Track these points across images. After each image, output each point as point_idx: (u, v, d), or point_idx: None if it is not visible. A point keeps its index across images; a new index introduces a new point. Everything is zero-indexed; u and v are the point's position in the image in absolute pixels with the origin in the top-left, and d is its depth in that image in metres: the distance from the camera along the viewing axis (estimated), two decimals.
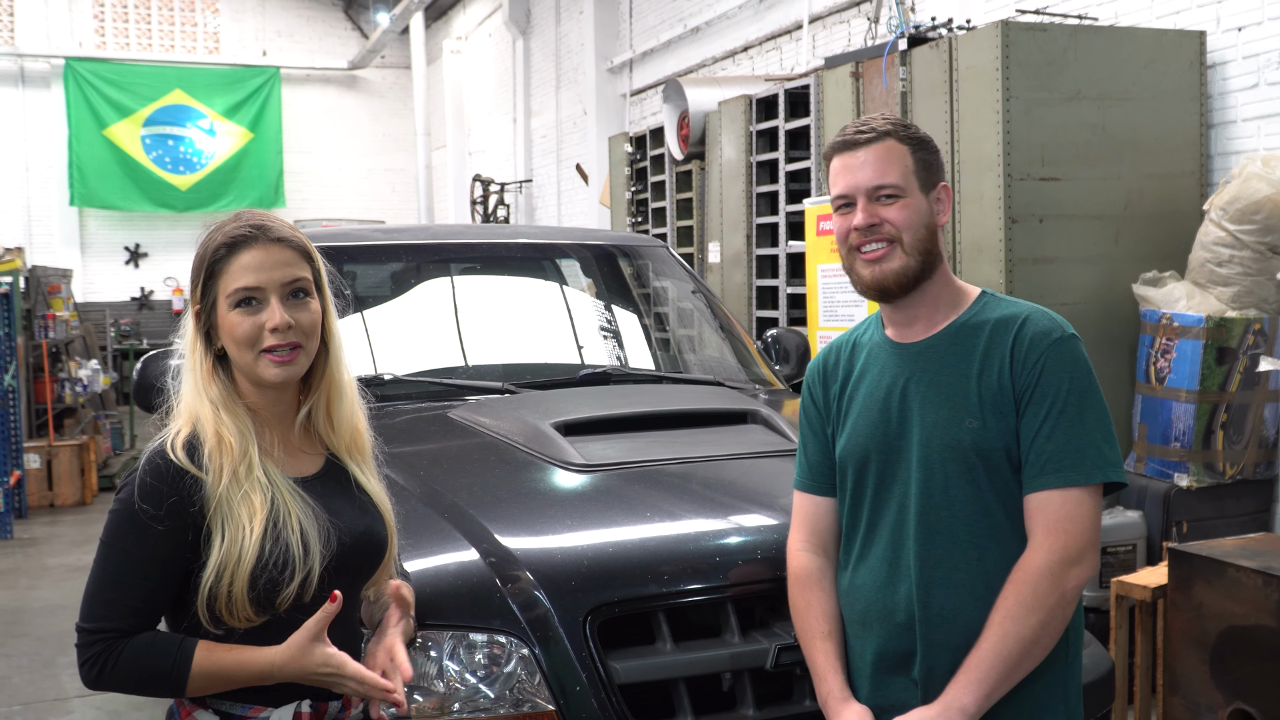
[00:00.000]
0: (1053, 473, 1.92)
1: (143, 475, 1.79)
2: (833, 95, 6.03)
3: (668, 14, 11.36)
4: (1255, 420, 4.73)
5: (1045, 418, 1.93)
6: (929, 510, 1.99)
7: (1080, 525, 1.91)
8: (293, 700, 1.85)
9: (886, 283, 2.04)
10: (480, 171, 15.99)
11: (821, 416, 2.20)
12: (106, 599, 1.77)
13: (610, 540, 2.55)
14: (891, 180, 2.03)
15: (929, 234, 2.04)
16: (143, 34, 18.39)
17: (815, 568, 2.17)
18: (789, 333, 4.43)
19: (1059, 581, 1.89)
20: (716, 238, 7.36)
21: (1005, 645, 1.88)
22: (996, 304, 2.07)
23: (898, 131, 2.06)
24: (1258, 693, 3.16)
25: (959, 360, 2.01)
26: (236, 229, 1.87)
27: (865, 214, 2.04)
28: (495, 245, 4.36)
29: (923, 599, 1.98)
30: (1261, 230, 4.62)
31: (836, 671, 2.09)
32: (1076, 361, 1.97)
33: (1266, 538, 3.61)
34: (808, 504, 2.22)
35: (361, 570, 1.95)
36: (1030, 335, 1.97)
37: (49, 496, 9.49)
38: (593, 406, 3.27)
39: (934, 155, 2.09)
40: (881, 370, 2.09)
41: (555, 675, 2.30)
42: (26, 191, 17.63)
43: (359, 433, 2.01)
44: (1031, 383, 1.95)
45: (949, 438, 1.97)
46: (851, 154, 2.06)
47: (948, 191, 2.10)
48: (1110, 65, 4.99)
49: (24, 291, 9.98)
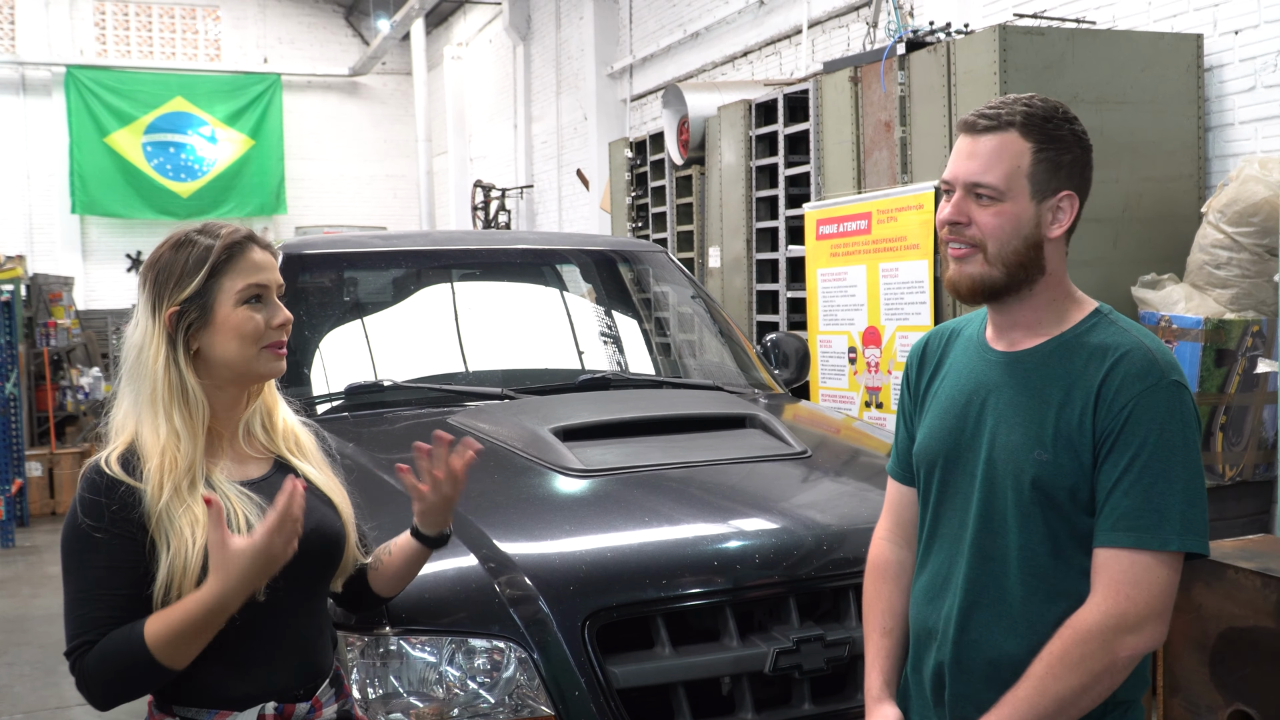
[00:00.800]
0: (1125, 530, 1.75)
1: (81, 493, 1.80)
2: (832, 100, 6.04)
3: (667, 19, 11.37)
4: (1254, 422, 4.73)
5: (1126, 469, 1.75)
6: (986, 534, 1.86)
7: (1146, 592, 1.73)
8: (257, 703, 1.84)
9: (960, 287, 1.89)
10: (481, 177, 16.02)
11: (913, 403, 2.07)
12: (79, 617, 1.77)
13: (609, 545, 2.56)
14: (990, 180, 1.82)
15: (1025, 246, 1.83)
16: (144, 41, 18.42)
17: (893, 560, 2.08)
18: (788, 337, 4.43)
19: (1109, 647, 1.73)
20: (716, 242, 7.37)
21: (1041, 700, 1.75)
22: (1106, 327, 1.86)
23: (1028, 123, 1.83)
24: (1257, 694, 3.16)
25: (1046, 382, 1.83)
26: (233, 233, 1.90)
27: (954, 209, 1.86)
28: (496, 251, 4.37)
29: (961, 622, 1.87)
30: (1259, 232, 4.63)
31: (880, 670, 2.02)
32: (1173, 413, 1.76)
33: (1266, 539, 3.61)
34: (895, 492, 2.11)
35: (320, 564, 1.95)
36: (1124, 374, 1.77)
37: (51, 504, 9.49)
38: (592, 412, 3.28)
39: (1066, 155, 1.84)
40: (969, 372, 1.95)
41: (554, 680, 2.30)
42: (28, 199, 17.66)
43: (298, 434, 2.03)
44: (1116, 429, 1.76)
45: (1013, 465, 1.82)
46: (968, 138, 1.87)
47: (1073, 200, 1.86)
48: (1108, 69, 5.00)
49: (25, 299, 10.00)
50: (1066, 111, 1.88)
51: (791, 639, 2.44)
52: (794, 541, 2.59)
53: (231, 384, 1.91)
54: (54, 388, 10.33)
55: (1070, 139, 1.86)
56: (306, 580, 1.90)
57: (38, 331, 10.32)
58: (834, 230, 5.75)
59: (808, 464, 3.03)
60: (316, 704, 1.92)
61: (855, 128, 5.86)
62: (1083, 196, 1.89)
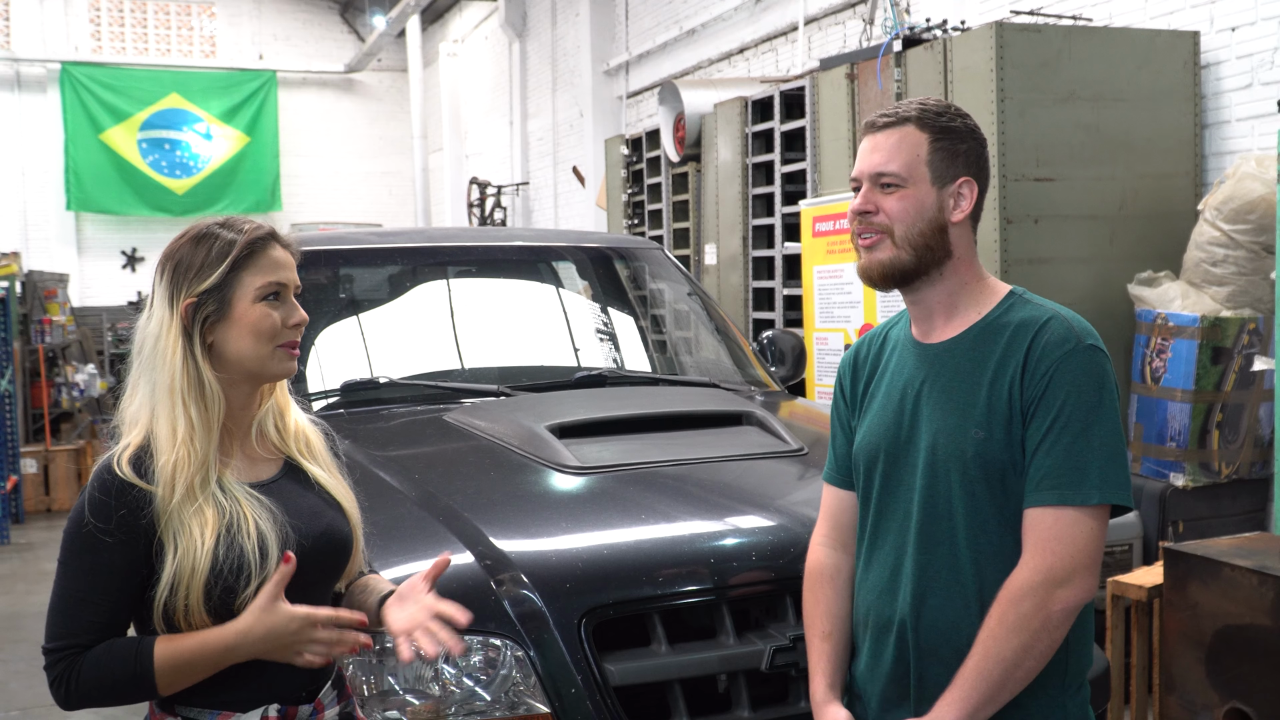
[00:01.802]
0: (1048, 489, 1.83)
1: (91, 491, 1.78)
2: (828, 97, 6.03)
3: (663, 16, 11.36)
4: (1250, 420, 4.73)
5: (1048, 431, 1.84)
6: (931, 520, 1.93)
7: (1072, 546, 1.82)
8: (260, 705, 1.83)
9: (872, 273, 1.98)
10: (477, 174, 15.99)
11: (849, 409, 2.14)
12: (67, 616, 1.76)
13: (605, 542, 2.55)
14: (893, 169, 1.94)
15: (931, 229, 1.94)
16: (139, 38, 18.38)
17: (830, 564, 2.12)
18: (785, 334, 4.43)
19: (1043, 603, 1.81)
20: (713, 239, 7.36)
21: (987, 665, 1.82)
22: (1023, 305, 1.97)
23: (923, 118, 1.96)
24: (1253, 691, 3.16)
25: (974, 365, 1.93)
26: (256, 229, 1.89)
27: (861, 199, 1.97)
28: (491, 248, 4.36)
29: (916, 608, 1.93)
30: (1256, 230, 4.63)
31: (824, 674, 2.05)
32: (1090, 374, 1.86)
33: (1262, 537, 3.61)
34: (832, 498, 2.17)
35: (326, 568, 1.94)
36: (1045, 343, 1.88)
37: (46, 501, 9.48)
38: (588, 409, 3.27)
39: (961, 145, 1.96)
40: (900, 369, 2.03)
41: (550, 678, 2.30)
42: (23, 196, 17.62)
43: (308, 435, 2.02)
44: (1038, 394, 1.86)
45: (954, 447, 1.90)
46: (870, 136, 1.99)
47: (972, 186, 1.97)
48: (1104, 66, 5.00)
49: (20, 296, 9.98)
50: (959, 109, 2.02)
51: (788, 636, 2.43)
52: (791, 539, 2.58)
53: (245, 381, 1.90)
54: (49, 384, 10.32)
55: (964, 130, 1.98)
56: (311, 582, 1.88)
57: (33, 328, 10.30)
58: (830, 227, 5.75)
59: (805, 461, 3.03)
60: (319, 706, 1.91)
61: (851, 125, 5.86)
62: (982, 184, 2.01)
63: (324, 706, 1.92)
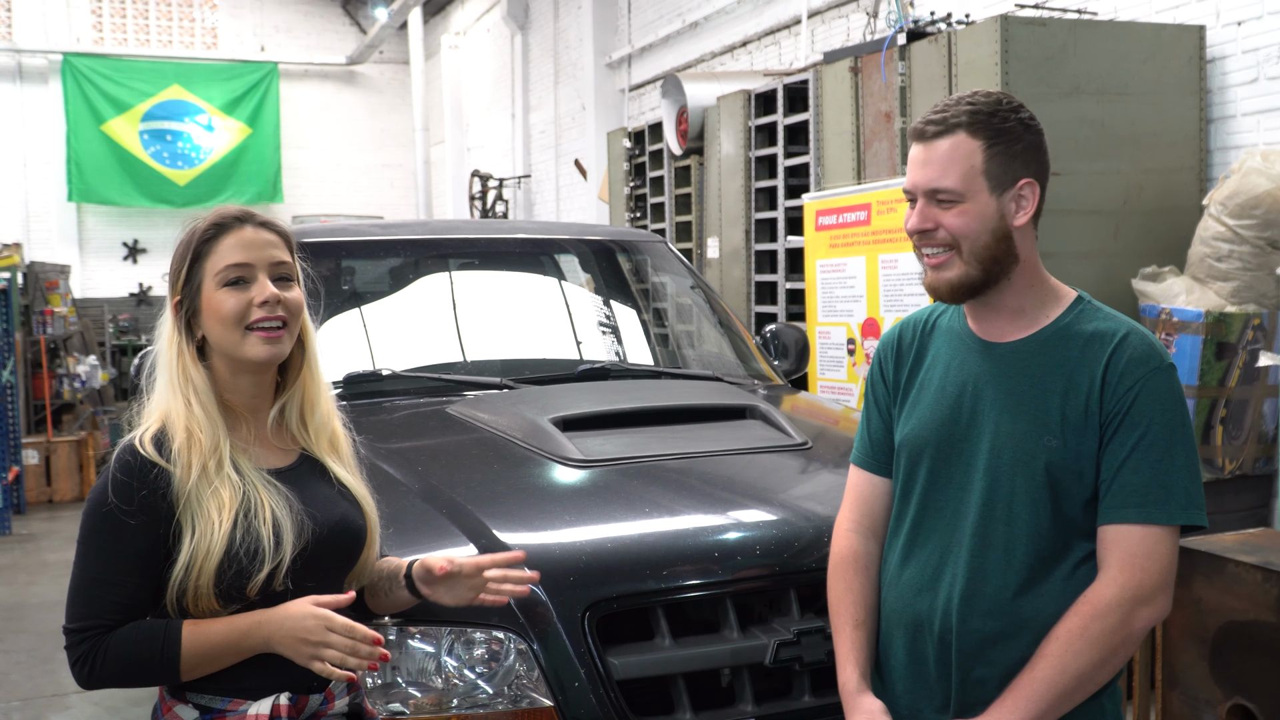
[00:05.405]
0: (1135, 507, 1.81)
1: (114, 472, 1.80)
2: (831, 90, 6.02)
3: (666, 9, 11.34)
4: (1254, 415, 4.72)
5: (1134, 449, 1.82)
6: (988, 522, 1.88)
7: (1159, 564, 1.81)
8: (271, 693, 1.84)
9: (940, 291, 1.93)
10: (479, 167, 15.97)
11: (889, 394, 2.08)
12: (89, 597, 1.78)
13: (609, 536, 2.55)
14: (948, 185, 1.87)
15: (995, 239, 1.87)
16: (140, 29, 18.35)
17: (861, 552, 2.08)
18: (788, 328, 4.42)
19: (1126, 619, 1.79)
20: (715, 233, 7.35)
21: (1060, 678, 1.79)
22: (1093, 314, 1.92)
23: (974, 123, 1.87)
24: (1257, 688, 3.15)
25: (1045, 372, 1.88)
26: (223, 213, 1.90)
27: (919, 217, 1.91)
28: (493, 240, 4.35)
29: (963, 611, 1.89)
30: (1261, 225, 4.62)
31: (856, 663, 2.01)
32: (1173, 393, 1.85)
33: (1266, 533, 3.61)
34: (863, 482, 2.11)
35: (340, 558, 1.95)
36: (1127, 359, 1.84)
37: (47, 492, 9.48)
38: (591, 402, 3.27)
39: (1017, 145, 1.88)
40: (960, 363, 1.97)
41: (554, 671, 2.29)
42: (24, 187, 17.60)
43: (337, 436, 2.03)
44: (1122, 410, 1.83)
45: (1023, 452, 1.86)
46: (919, 146, 1.91)
47: (1033, 187, 1.90)
48: (1109, 60, 4.99)
49: (22, 287, 9.98)
50: (1011, 101, 1.92)
51: (792, 630, 2.43)
52: (794, 533, 2.57)
53: (243, 370, 1.90)
54: (50, 376, 10.31)
55: (1019, 128, 1.89)
56: (324, 573, 1.90)
57: (34, 319, 10.29)
58: (833, 221, 5.74)
59: (808, 455, 3.02)
60: (329, 696, 1.92)
61: (855, 118, 5.84)
62: (1043, 181, 1.93)
63: (334, 696, 1.93)
